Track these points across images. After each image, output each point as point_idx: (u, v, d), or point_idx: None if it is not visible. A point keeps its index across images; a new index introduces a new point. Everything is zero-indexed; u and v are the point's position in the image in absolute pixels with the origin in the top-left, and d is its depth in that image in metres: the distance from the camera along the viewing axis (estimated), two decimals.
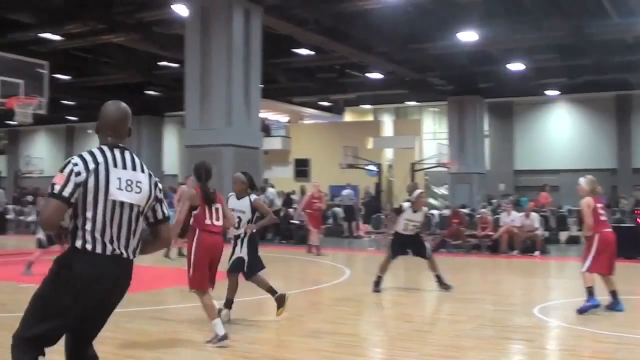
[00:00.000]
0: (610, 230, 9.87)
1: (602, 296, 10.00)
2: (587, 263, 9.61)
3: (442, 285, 11.68)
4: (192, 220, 8.00)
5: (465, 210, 25.29)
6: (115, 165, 4.07)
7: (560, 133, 45.81)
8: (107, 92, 44.07)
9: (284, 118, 50.95)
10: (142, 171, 4.21)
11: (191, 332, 8.08)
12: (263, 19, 25.32)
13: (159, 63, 35.61)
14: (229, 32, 23.92)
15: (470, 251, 20.59)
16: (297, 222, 24.94)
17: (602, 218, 9.75)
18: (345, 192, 28.88)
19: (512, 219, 20.22)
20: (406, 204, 11.58)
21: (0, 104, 18.49)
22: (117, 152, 4.15)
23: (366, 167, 37.51)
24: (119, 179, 4.03)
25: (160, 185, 4.30)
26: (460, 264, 16.69)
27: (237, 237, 8.88)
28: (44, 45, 30.59)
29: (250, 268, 8.84)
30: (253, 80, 24.92)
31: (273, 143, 45.42)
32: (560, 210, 27.07)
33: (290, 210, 25.92)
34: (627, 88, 40.79)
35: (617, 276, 10.38)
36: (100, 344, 7.37)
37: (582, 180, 10.12)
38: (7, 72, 18.85)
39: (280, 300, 8.75)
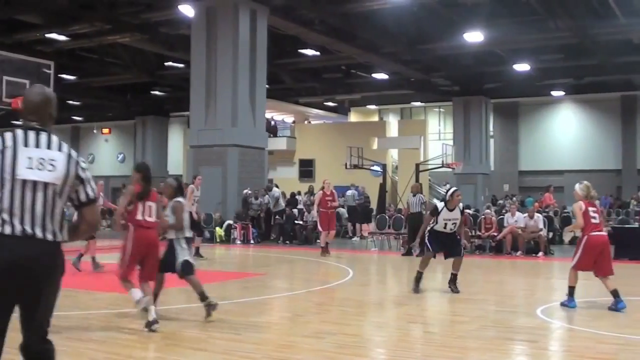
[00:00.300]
0: (600, 233, 10.06)
1: (605, 297, 10.01)
2: (574, 261, 10.05)
3: (453, 285, 11.60)
4: (127, 215, 8.58)
5: (470, 211, 25.25)
6: (27, 145, 3.97)
7: (565, 134, 45.72)
8: (113, 92, 44.25)
9: (289, 118, 50.95)
10: (59, 150, 4.08)
11: (194, 332, 8.11)
12: (269, 19, 25.37)
13: (164, 63, 35.69)
14: (235, 33, 23.97)
15: (474, 252, 20.57)
16: (300, 222, 24.93)
17: (593, 221, 9.99)
18: (349, 192, 28.88)
19: (516, 219, 20.21)
20: (440, 204, 11.67)
21: (6, 103, 18.54)
22: (31, 133, 4.05)
23: (371, 168, 37.46)
24: (30, 158, 3.93)
25: (84, 166, 4.14)
26: (464, 264, 16.66)
27: (172, 239, 8.93)
28: (50, 46, 30.70)
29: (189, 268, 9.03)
30: (258, 80, 24.96)
31: (278, 143, 45.43)
32: (565, 211, 27.01)
33: (295, 210, 25.90)
34: (633, 89, 40.73)
35: (622, 277, 10.36)
36: (103, 343, 7.45)
37: (577, 187, 10.46)
38: (12, 72, 18.90)
39: (210, 308, 8.80)
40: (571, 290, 9.98)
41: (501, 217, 21.47)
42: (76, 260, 14.29)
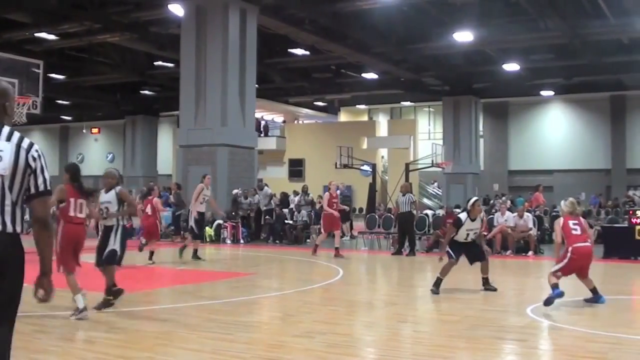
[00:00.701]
0: (584, 244, 10.21)
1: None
2: (558, 267, 10.19)
3: (488, 285, 11.79)
4: (58, 212, 9.15)
5: (458, 211, 25.26)
6: None
7: (555, 133, 45.85)
8: (102, 91, 44.12)
9: (279, 118, 50.93)
10: (8, 140, 4.00)
11: (185, 332, 8.08)
12: (259, 18, 25.35)
13: (154, 63, 35.59)
14: (225, 32, 23.92)
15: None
16: (290, 222, 24.90)
17: (575, 232, 10.21)
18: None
19: (505, 219, 20.24)
20: (463, 215, 11.56)
21: None
22: None
23: (361, 168, 37.50)
24: None
25: (35, 155, 4.04)
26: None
27: (109, 228, 9.64)
28: (39, 45, 30.58)
29: (120, 259, 9.70)
30: (248, 80, 24.92)
31: (268, 143, 45.41)
32: (555, 210, 27.07)
33: (285, 210, 25.87)
34: (622, 89, 40.87)
35: (612, 276, 10.33)
36: (93, 344, 7.42)
37: (563, 203, 10.61)
38: (1, 71, 18.79)
39: (117, 293, 9.44)
40: (555, 285, 9.99)
41: (491, 216, 21.48)
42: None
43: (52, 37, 29.85)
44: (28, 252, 3.97)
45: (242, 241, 24.10)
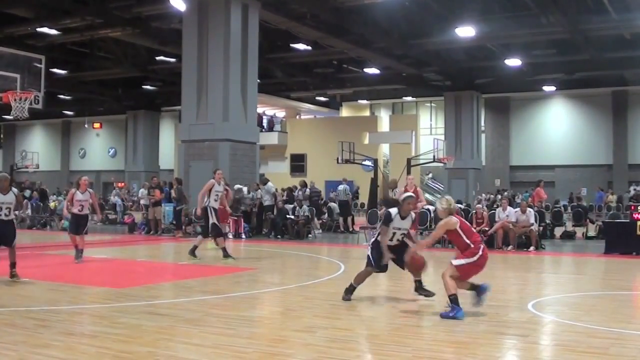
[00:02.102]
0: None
1: (596, 292, 10.02)
2: (459, 262, 8.98)
3: (422, 292, 10.32)
4: None
5: (461, 206, 25.30)
6: None
7: (557, 129, 45.85)
8: (104, 86, 44.13)
9: (280, 113, 50.92)
10: None
11: (186, 327, 8.09)
12: (260, 13, 25.32)
13: (156, 58, 35.59)
14: (227, 27, 23.89)
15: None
16: (292, 217, 24.89)
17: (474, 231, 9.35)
18: (341, 187, 28.88)
19: (507, 214, 20.23)
20: (393, 210, 10.11)
21: None
22: None
23: (362, 163, 37.50)
24: None
25: None
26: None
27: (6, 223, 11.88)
28: (41, 40, 30.58)
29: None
30: (250, 75, 24.90)
31: (269, 138, 45.43)
32: (557, 206, 27.09)
33: (288, 205, 25.85)
34: (624, 84, 40.86)
35: (613, 271, 10.35)
36: (94, 338, 7.43)
37: (438, 204, 9.32)
38: (3, 66, 18.83)
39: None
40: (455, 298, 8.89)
41: (492, 211, 21.47)
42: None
43: (54, 32, 29.84)
44: (28, 247, 3.97)
45: (244, 236, 24.11)
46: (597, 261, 17.29)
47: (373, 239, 10.39)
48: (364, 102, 52.70)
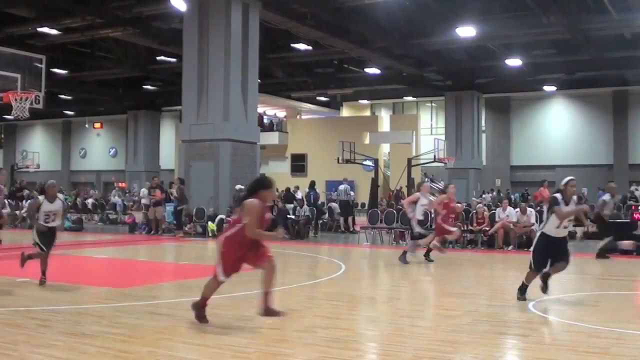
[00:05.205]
0: None
1: (593, 292, 10.02)
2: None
3: (545, 285, 10.35)
4: None
5: (462, 205, 25.24)
6: None
7: (557, 129, 45.85)
8: (105, 86, 44.14)
9: (281, 113, 50.91)
10: None
11: (187, 327, 8.09)
12: (261, 13, 25.31)
13: (156, 58, 35.59)
14: (227, 27, 23.89)
15: (466, 246, 20.59)
16: (293, 217, 24.88)
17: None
18: (341, 187, 28.87)
19: (507, 214, 20.22)
20: (558, 195, 10.08)
21: None
22: None
23: (363, 163, 37.50)
24: None
25: None
26: (456, 259, 16.68)
27: None
28: (42, 40, 30.60)
29: None
30: (250, 74, 24.89)
31: (270, 138, 45.42)
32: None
33: (288, 205, 25.85)
34: (625, 84, 40.85)
35: (614, 271, 10.29)
36: (95, 338, 7.43)
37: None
38: (4, 66, 18.85)
39: None
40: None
41: (493, 211, 21.46)
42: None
43: (54, 32, 29.85)
44: (28, 247, 3.98)
45: None
46: (598, 261, 17.28)
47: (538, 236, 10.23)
48: (365, 102, 52.69)
